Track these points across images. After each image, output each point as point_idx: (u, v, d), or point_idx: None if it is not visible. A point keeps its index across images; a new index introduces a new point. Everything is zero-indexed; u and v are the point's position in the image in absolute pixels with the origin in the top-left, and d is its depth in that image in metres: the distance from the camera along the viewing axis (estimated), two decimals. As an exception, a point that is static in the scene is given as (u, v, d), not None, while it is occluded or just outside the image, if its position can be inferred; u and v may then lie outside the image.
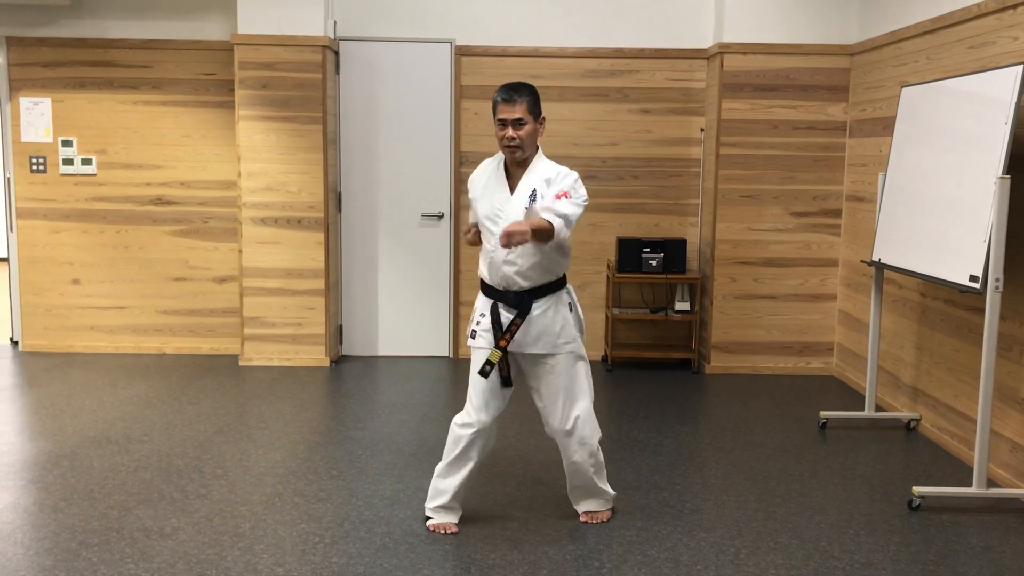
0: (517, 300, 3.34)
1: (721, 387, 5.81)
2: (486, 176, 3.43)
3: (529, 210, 3.25)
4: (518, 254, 3.29)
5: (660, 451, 4.50)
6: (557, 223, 3.16)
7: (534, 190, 3.29)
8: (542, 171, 3.34)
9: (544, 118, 3.39)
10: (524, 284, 3.33)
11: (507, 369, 3.36)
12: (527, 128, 3.29)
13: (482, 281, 3.46)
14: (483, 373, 3.33)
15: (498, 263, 3.34)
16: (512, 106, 3.27)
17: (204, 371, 5.95)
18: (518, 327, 3.32)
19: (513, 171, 3.38)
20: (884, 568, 3.24)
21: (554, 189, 3.26)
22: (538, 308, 3.35)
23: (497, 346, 3.32)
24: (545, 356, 3.38)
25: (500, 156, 3.43)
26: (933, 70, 4.78)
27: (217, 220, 6.36)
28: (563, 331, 3.38)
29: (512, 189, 3.35)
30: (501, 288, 3.37)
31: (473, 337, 3.42)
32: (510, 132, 3.28)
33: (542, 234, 3.15)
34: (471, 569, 3.19)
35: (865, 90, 5.68)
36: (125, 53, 6.22)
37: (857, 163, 5.78)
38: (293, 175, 5.98)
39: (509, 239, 3.06)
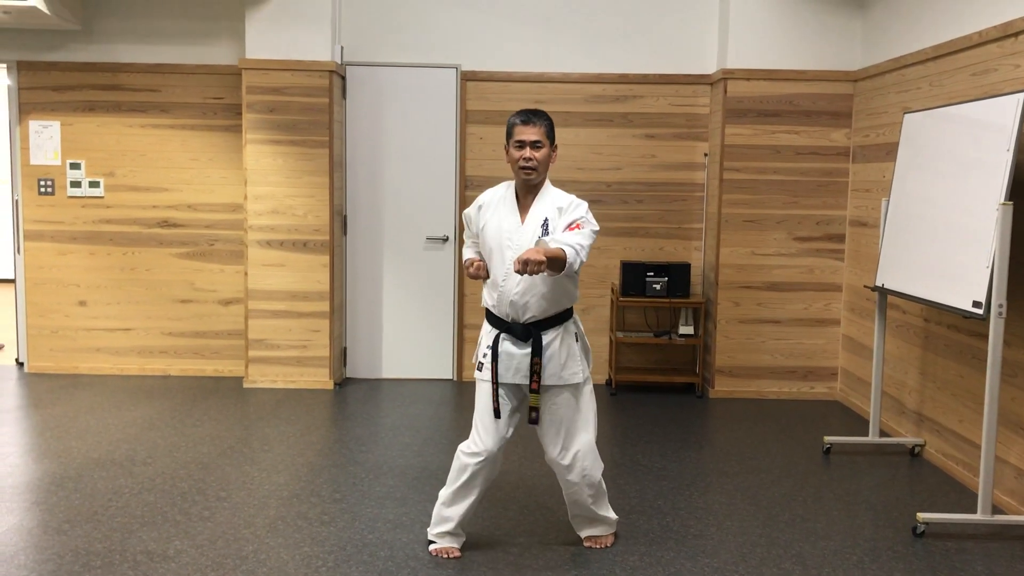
0: (525, 332, 3.31)
1: (725, 411, 5.80)
2: (494, 203, 3.37)
3: (540, 241, 3.20)
4: (529, 284, 3.24)
5: (664, 475, 4.49)
6: (570, 253, 3.08)
7: (546, 219, 3.26)
8: (553, 199, 3.31)
9: (556, 146, 3.39)
10: (534, 315, 3.30)
11: (497, 402, 3.33)
12: (544, 151, 3.29)
13: (487, 310, 3.43)
14: (532, 421, 3.35)
15: (508, 293, 3.29)
16: (531, 127, 3.27)
17: (208, 393, 5.96)
18: (540, 366, 3.29)
19: (523, 198, 3.36)
20: (888, 595, 3.23)
21: (567, 218, 3.22)
22: (545, 339, 3.31)
23: (531, 390, 3.31)
24: (548, 388, 3.35)
25: (508, 184, 3.41)
26: (935, 97, 4.81)
27: (223, 243, 6.40)
28: (568, 363, 3.35)
29: (523, 217, 3.32)
30: (509, 319, 3.34)
31: (480, 370, 3.40)
32: (528, 152, 3.26)
33: (556, 263, 3.07)
34: (474, 594, 3.18)
35: (868, 116, 5.71)
36: (134, 77, 6.28)
37: (860, 188, 5.81)
38: (299, 198, 6.02)
39: (525, 266, 2.96)
